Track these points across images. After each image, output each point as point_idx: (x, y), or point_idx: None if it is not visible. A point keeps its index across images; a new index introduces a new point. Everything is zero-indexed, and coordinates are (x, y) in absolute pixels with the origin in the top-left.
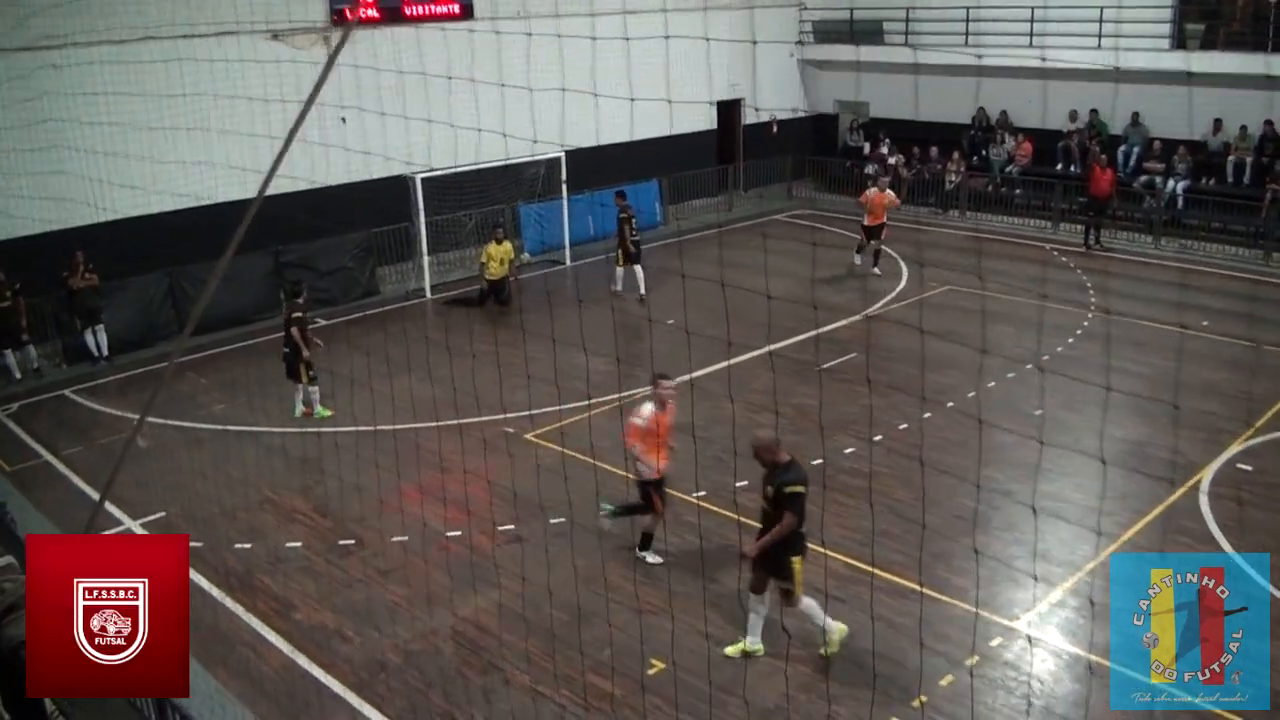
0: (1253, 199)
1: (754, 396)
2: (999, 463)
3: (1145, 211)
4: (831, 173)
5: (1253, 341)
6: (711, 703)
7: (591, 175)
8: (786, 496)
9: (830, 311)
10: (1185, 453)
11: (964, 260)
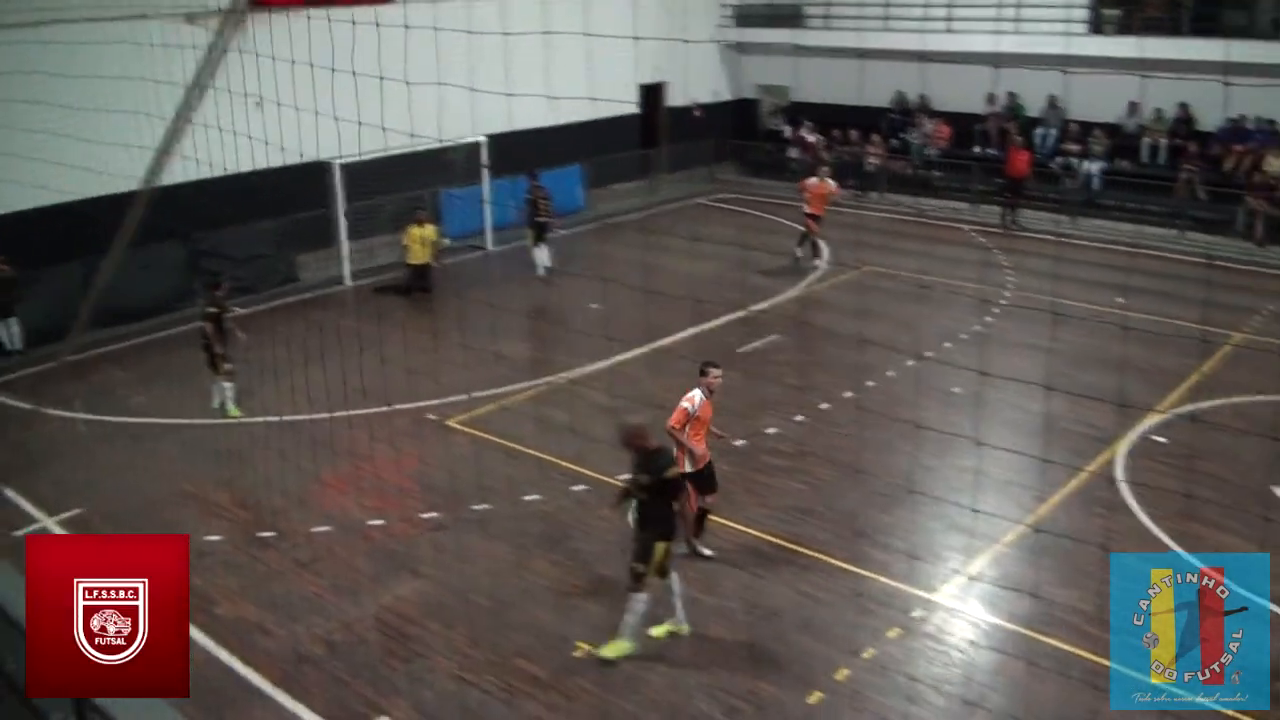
0: (1167, 180)
1: (678, 379)
2: (918, 439)
3: (1062, 192)
4: (754, 157)
5: (1167, 318)
6: (635, 682)
7: (514, 160)
8: (671, 481)
9: (753, 293)
10: (1101, 426)
11: (884, 241)
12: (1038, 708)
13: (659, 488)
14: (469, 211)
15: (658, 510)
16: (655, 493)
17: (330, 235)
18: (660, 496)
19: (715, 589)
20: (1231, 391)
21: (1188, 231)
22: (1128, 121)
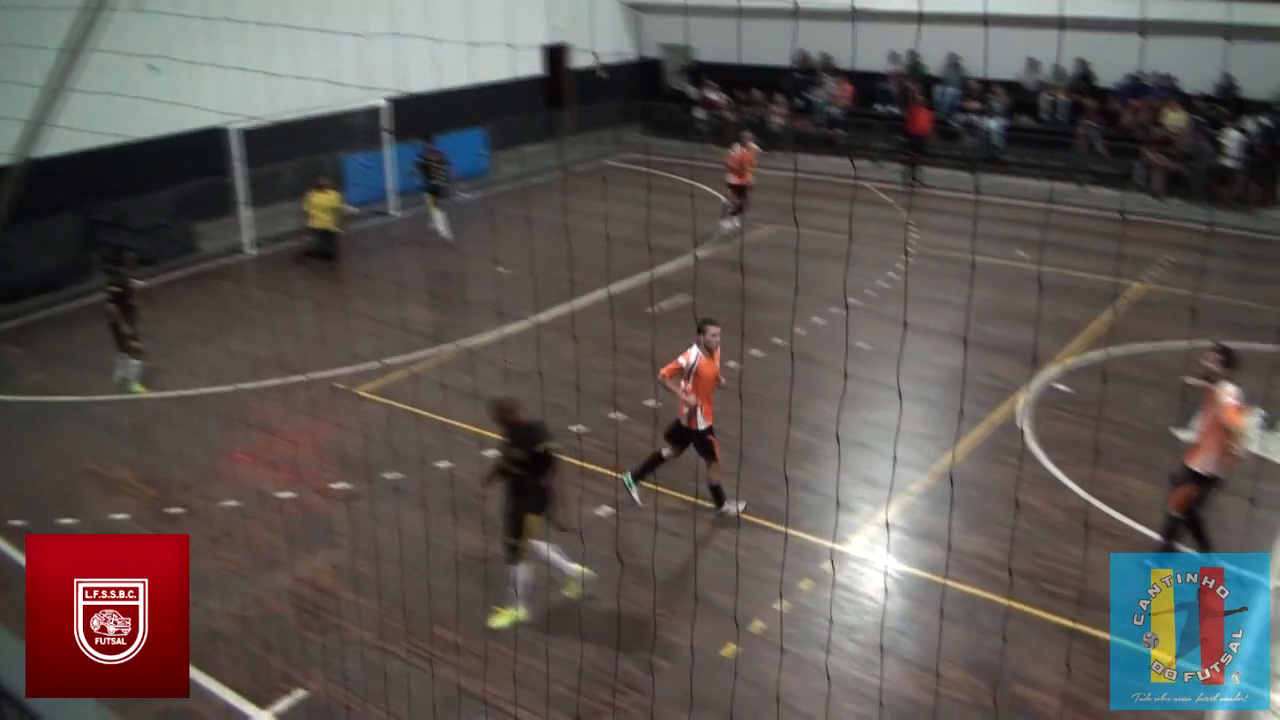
0: (1067, 135)
1: (588, 342)
2: (827, 394)
3: (964, 149)
4: (660, 118)
5: (1068, 270)
6: (552, 644)
7: (417, 124)
8: (545, 456)
9: (661, 254)
10: (1006, 377)
11: (789, 200)
12: (949, 652)
13: (531, 462)
14: (372, 177)
15: (530, 484)
16: (528, 467)
17: (230, 203)
18: (532, 471)
19: (631, 549)
20: (1132, 340)
21: (1088, 186)
22: (1027, 78)
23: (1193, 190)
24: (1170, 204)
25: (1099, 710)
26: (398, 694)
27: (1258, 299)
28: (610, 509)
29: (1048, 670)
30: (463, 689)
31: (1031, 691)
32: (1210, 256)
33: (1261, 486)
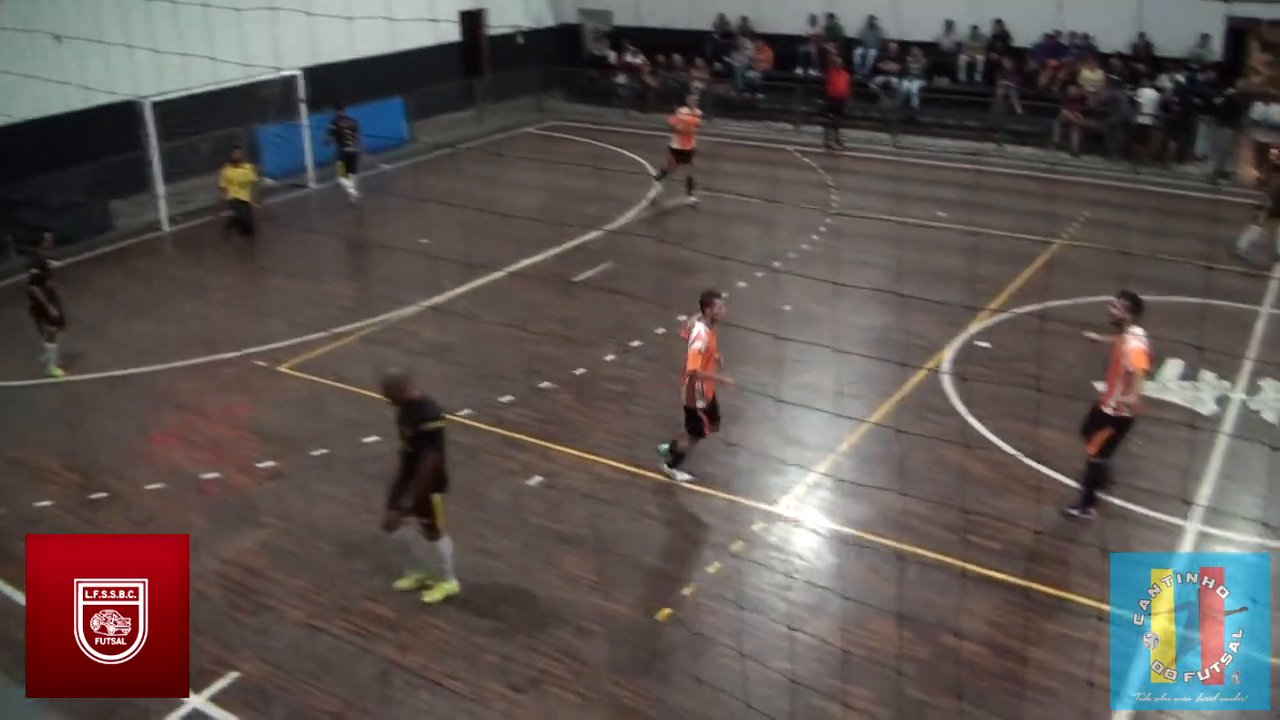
0: (984, 95)
1: (513, 312)
2: (753, 358)
3: (882, 111)
4: (581, 84)
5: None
6: (485, 613)
7: (333, 93)
8: (427, 435)
9: (584, 222)
10: (927, 335)
11: (710, 165)
12: (877, 606)
13: (419, 440)
14: (289, 148)
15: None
16: (417, 445)
17: (145, 179)
18: (418, 450)
19: (562, 517)
20: (1051, 296)
21: (1005, 145)
22: (945, 39)
23: (1109, 148)
24: (1086, 162)
25: (1025, 655)
26: (331, 671)
27: (1174, 253)
28: (541, 478)
29: (975, 620)
30: (396, 663)
31: (959, 641)
32: (1127, 212)
33: (1180, 434)
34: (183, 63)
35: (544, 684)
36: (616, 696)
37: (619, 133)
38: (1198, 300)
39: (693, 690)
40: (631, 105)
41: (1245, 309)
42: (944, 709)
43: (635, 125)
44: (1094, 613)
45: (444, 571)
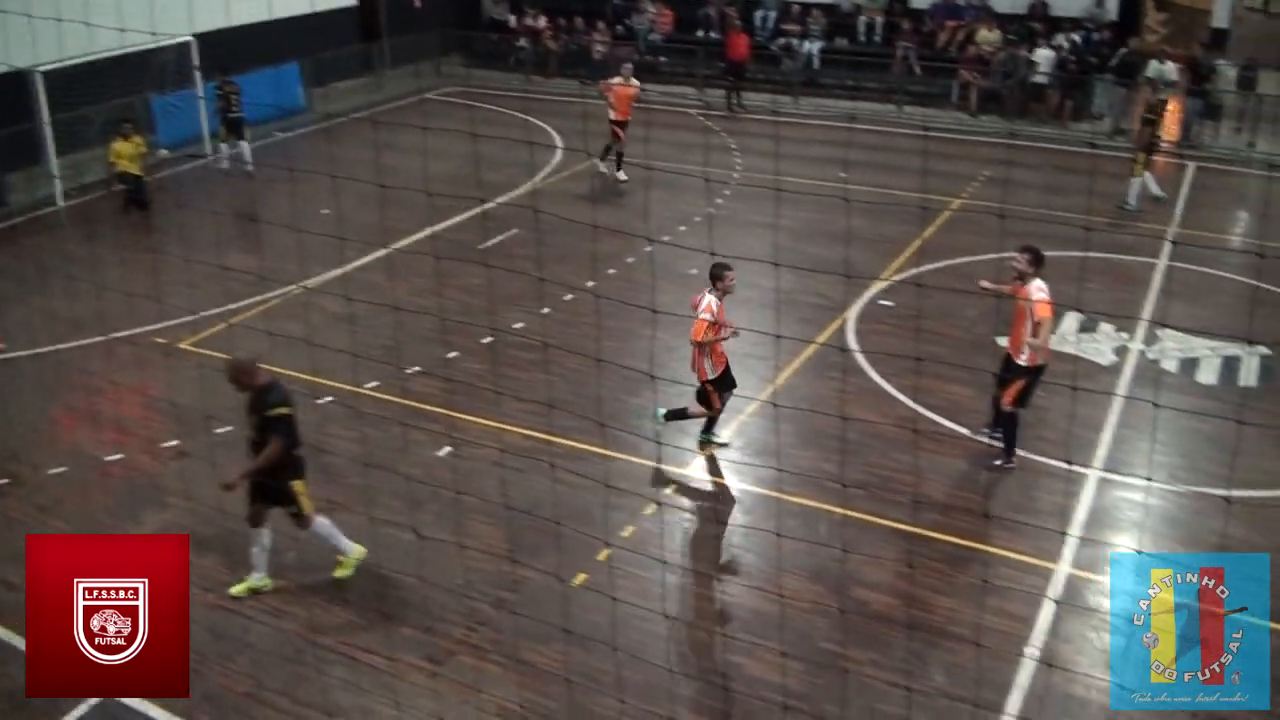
0: (884, 56)
1: (419, 280)
2: (662, 322)
3: (784, 73)
4: (481, 48)
5: (889, 189)
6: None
7: (228, 60)
8: (272, 421)
9: (488, 189)
10: (831, 296)
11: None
12: (789, 562)
13: (266, 426)
14: (184, 117)
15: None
16: (260, 432)
17: (38, 152)
18: (265, 437)
19: (475, 486)
20: (952, 254)
21: (905, 106)
22: (844, 1)
23: (1007, 107)
24: (985, 121)
25: (935, 605)
26: (244, 652)
27: (1070, 209)
28: (450, 448)
29: (885, 573)
30: (310, 641)
31: (871, 594)
32: (1024, 170)
33: (1080, 384)
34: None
35: (460, 655)
36: (534, 664)
37: (522, 98)
38: (1097, 254)
39: (610, 654)
40: (533, 70)
41: (1143, 261)
42: (856, 659)
43: (538, 90)
44: (1002, 561)
45: (339, 549)
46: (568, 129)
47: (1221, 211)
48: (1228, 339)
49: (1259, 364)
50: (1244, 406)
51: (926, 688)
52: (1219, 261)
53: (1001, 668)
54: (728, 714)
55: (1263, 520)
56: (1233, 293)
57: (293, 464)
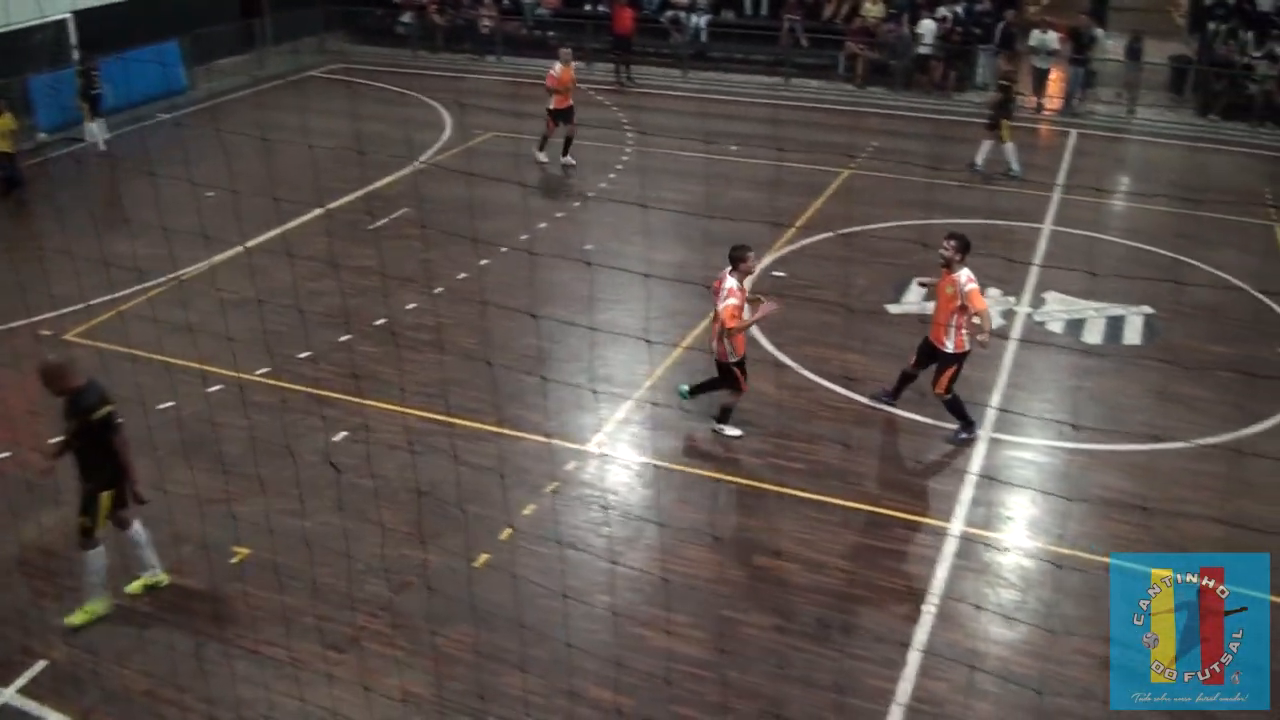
0: (771, 29)
1: (308, 263)
2: (558, 298)
3: (672, 46)
4: (365, 24)
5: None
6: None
7: (108, 37)
8: (99, 424)
9: (376, 169)
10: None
11: (505, 106)
12: (690, 532)
13: (88, 432)
14: (62, 99)
15: (94, 457)
16: (87, 438)
17: None
18: (93, 442)
19: (374, 471)
20: (843, 224)
21: (793, 78)
22: None
23: (893, 78)
24: (871, 93)
25: (833, 568)
26: (143, 650)
27: (954, 178)
28: (347, 433)
29: (786, 539)
30: (210, 636)
31: (772, 560)
32: (912, 140)
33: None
34: None
35: (363, 641)
36: (438, 647)
37: (408, 74)
38: (983, 221)
39: (515, 633)
40: (420, 45)
41: (1028, 226)
42: (759, 625)
43: (425, 66)
44: (899, 523)
45: (91, 587)
46: (455, 105)
47: (1103, 176)
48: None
49: (1143, 323)
50: (1130, 364)
51: (828, 649)
52: (1101, 225)
53: (900, 626)
54: (634, 686)
55: (1145, 473)
56: (1115, 255)
57: (108, 473)
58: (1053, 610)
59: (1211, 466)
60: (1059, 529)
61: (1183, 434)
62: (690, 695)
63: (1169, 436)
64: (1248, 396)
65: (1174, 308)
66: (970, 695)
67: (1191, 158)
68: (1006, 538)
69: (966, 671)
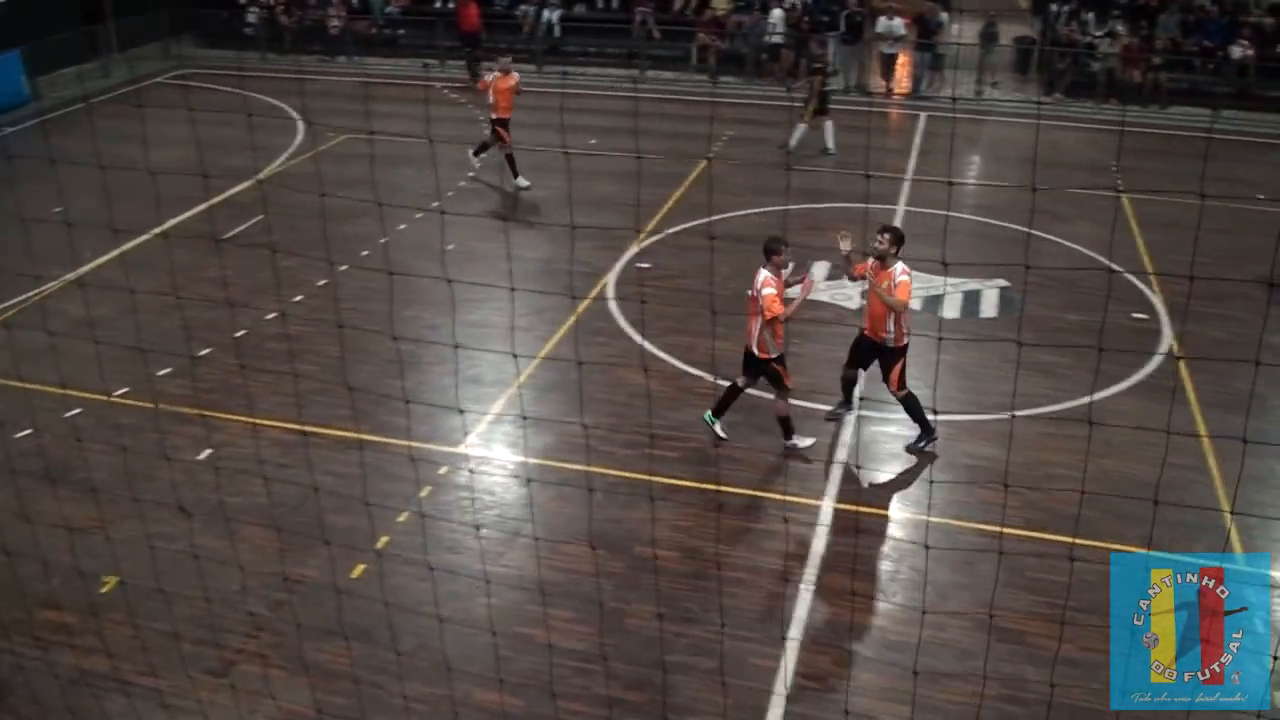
0: (623, 22)
1: (162, 278)
2: (421, 302)
3: (525, 41)
4: (211, 26)
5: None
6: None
7: None
8: None
9: (229, 176)
10: (590, 262)
11: (358, 107)
12: (570, 528)
13: None
14: None
15: None
16: None
17: None
18: None
19: (239, 488)
20: (704, 213)
21: (647, 71)
22: None
23: (745, 68)
24: (725, 84)
25: (711, 554)
26: (12, 690)
27: (811, 165)
28: (211, 450)
29: (663, 528)
30: (83, 670)
31: (651, 550)
32: (766, 128)
33: (832, 330)
34: None
35: (241, 664)
36: (318, 663)
37: (258, 77)
38: (841, 205)
39: (395, 643)
40: (268, 48)
41: (883, 208)
42: (641, 615)
43: (274, 69)
44: (774, 504)
45: None
46: (307, 108)
47: (953, 156)
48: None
49: (998, 296)
50: (988, 336)
51: (711, 633)
52: (954, 204)
53: (780, 605)
54: (520, 686)
55: (1008, 440)
56: (967, 231)
57: None
58: (926, 578)
59: (1072, 430)
60: (928, 499)
61: (1043, 400)
62: (578, 690)
63: (1030, 404)
64: (1105, 361)
65: (1029, 280)
66: (852, 667)
67: (1039, 135)
68: (878, 511)
69: (847, 644)
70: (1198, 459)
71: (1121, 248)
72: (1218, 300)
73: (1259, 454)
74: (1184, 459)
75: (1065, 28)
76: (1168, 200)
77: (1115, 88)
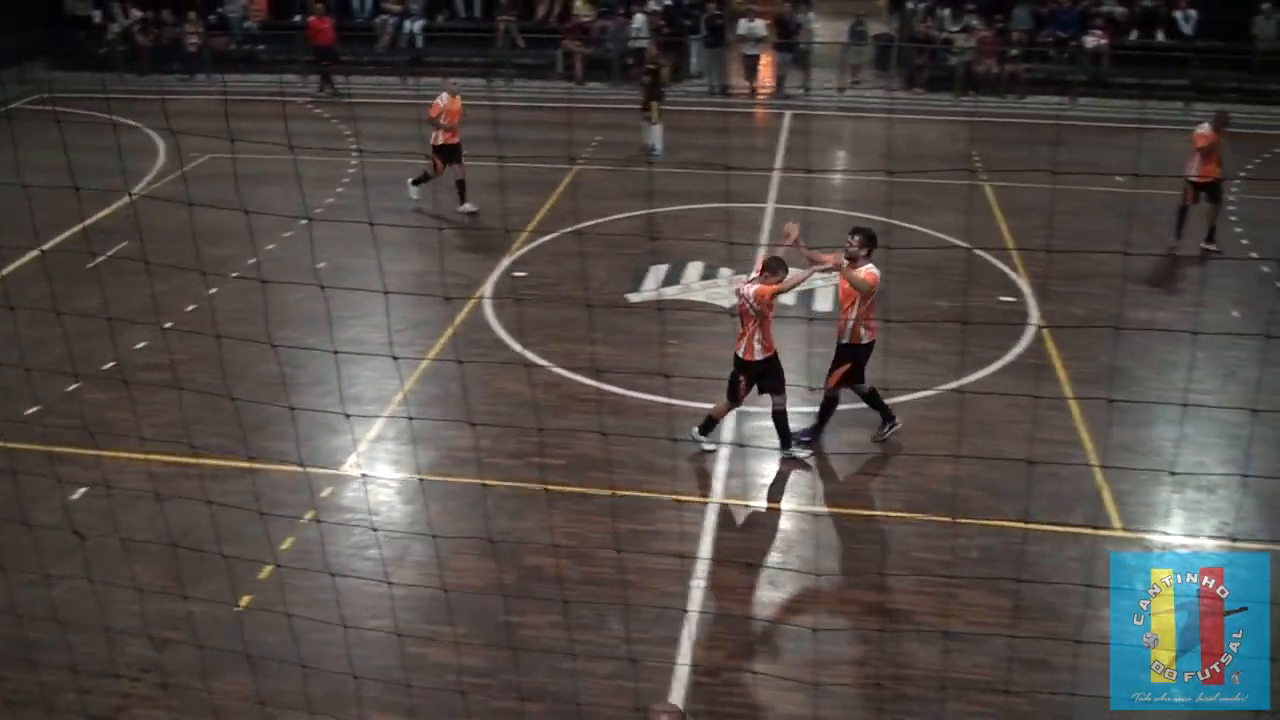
0: (487, 31)
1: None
2: (295, 321)
3: (389, 53)
4: (67, 49)
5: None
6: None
7: None
8: None
9: (93, 201)
10: (465, 273)
11: (219, 125)
12: (460, 542)
13: None
14: None
15: None
16: None
17: None
18: None
19: (120, 526)
20: (576, 219)
21: (514, 79)
22: None
23: (611, 73)
24: (591, 89)
25: (603, 557)
26: None
27: (683, 164)
28: (87, 488)
29: (553, 536)
30: None
31: (543, 559)
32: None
33: (708, 329)
34: None
35: (129, 708)
36: (209, 701)
37: (117, 99)
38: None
39: (291, 672)
40: (126, 68)
41: (753, 207)
42: (538, 624)
43: (133, 90)
44: (662, 504)
45: None
46: (167, 129)
47: (817, 153)
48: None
49: None
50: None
51: (607, 638)
52: (821, 199)
53: (673, 603)
54: (420, 706)
55: None
56: (834, 224)
57: None
58: (814, 566)
59: (947, 412)
60: (811, 489)
61: (917, 385)
62: (479, 706)
63: (905, 388)
64: (974, 344)
65: (895, 269)
66: (748, 658)
67: (901, 129)
68: (763, 503)
69: (741, 636)
70: (1070, 434)
71: (985, 234)
72: (1077, 279)
73: (1129, 423)
74: (1057, 434)
75: (922, 24)
76: (1029, 186)
77: (973, 80)
